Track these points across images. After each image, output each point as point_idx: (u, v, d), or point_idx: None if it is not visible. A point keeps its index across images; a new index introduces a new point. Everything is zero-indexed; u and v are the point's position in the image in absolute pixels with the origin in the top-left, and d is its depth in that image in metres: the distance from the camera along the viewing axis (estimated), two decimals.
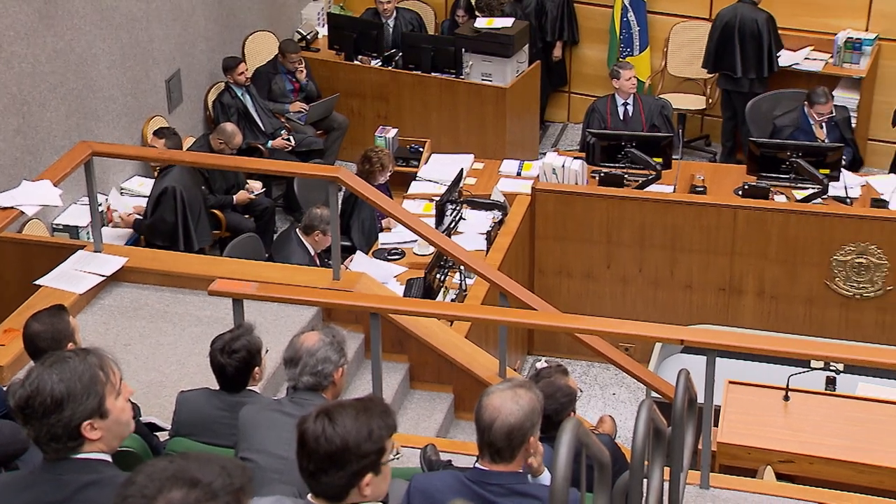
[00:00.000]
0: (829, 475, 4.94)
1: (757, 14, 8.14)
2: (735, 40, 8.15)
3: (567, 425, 2.23)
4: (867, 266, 6.57)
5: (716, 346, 4.27)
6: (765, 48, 8.12)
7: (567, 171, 7.11)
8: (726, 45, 8.22)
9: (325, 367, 3.50)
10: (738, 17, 8.17)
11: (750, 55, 8.12)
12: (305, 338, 3.59)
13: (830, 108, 7.22)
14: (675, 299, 6.99)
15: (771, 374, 5.59)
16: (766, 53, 8.13)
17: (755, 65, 8.14)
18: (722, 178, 7.22)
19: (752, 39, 8.11)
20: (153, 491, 1.80)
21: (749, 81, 8.19)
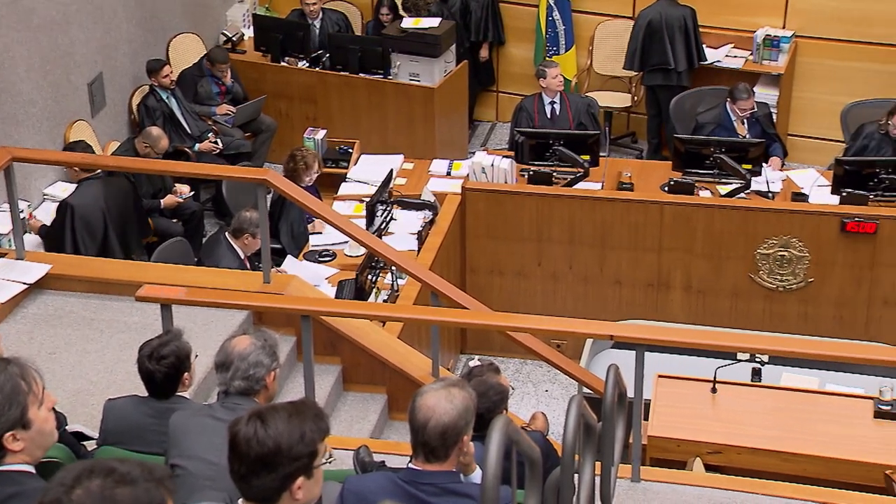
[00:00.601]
0: (756, 465, 5.05)
1: (681, 10, 8.28)
2: (665, 36, 8.27)
3: (497, 423, 2.25)
4: (789, 259, 6.71)
5: (644, 340, 4.34)
6: (692, 41, 8.27)
7: (496, 169, 7.15)
8: (654, 42, 8.33)
9: (257, 371, 3.48)
10: (663, 16, 8.29)
11: (679, 49, 8.25)
12: (237, 342, 3.57)
13: (752, 105, 7.36)
14: (605, 295, 7.07)
15: (699, 367, 5.68)
16: (695, 46, 8.28)
17: (686, 58, 8.28)
18: (648, 175, 7.32)
19: (680, 34, 8.24)
20: (71, 480, 1.79)
21: (678, 75, 8.32)
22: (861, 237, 6.52)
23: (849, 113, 7.70)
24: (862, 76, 8.13)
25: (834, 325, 6.72)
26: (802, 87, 8.51)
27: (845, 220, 6.52)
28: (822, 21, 8.33)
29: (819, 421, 5.24)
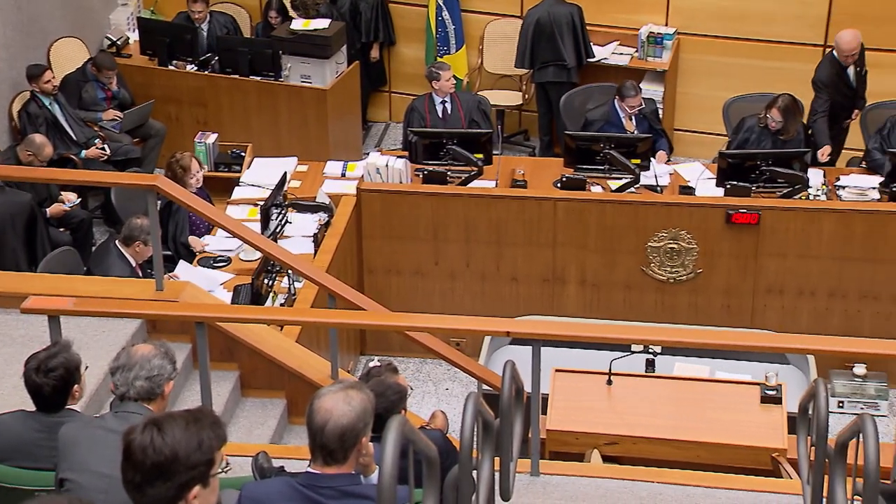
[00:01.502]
0: (651, 453, 5.17)
1: (568, 8, 8.41)
2: (555, 33, 8.38)
3: (392, 423, 2.26)
4: (679, 251, 6.87)
5: (540, 336, 4.40)
6: (580, 39, 8.40)
7: (391, 170, 7.16)
8: (545, 39, 8.43)
9: (161, 373, 3.46)
10: (550, 14, 8.41)
11: (569, 46, 8.38)
12: (139, 347, 3.55)
13: (640, 101, 7.52)
14: (502, 292, 7.13)
15: (595, 359, 5.78)
16: (583, 43, 8.42)
17: (575, 54, 8.41)
18: (541, 172, 7.41)
19: (568, 31, 8.37)
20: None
21: (568, 71, 8.44)
22: (745, 228, 6.72)
23: (730, 107, 7.92)
24: (742, 71, 8.37)
25: (722, 314, 6.91)
26: (686, 83, 8.73)
27: (730, 211, 6.71)
28: (703, 18, 8.55)
29: (710, 408, 5.39)
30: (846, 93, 7.56)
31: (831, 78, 7.44)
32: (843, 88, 7.52)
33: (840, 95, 7.50)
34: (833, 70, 7.45)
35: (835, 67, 7.46)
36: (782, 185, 6.82)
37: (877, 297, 6.67)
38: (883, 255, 6.58)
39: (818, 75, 7.52)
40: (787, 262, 6.75)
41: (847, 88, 7.55)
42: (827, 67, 7.48)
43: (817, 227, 6.66)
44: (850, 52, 7.37)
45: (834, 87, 7.44)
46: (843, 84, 7.51)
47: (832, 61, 7.47)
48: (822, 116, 7.37)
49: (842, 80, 7.49)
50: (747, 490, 4.30)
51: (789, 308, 6.83)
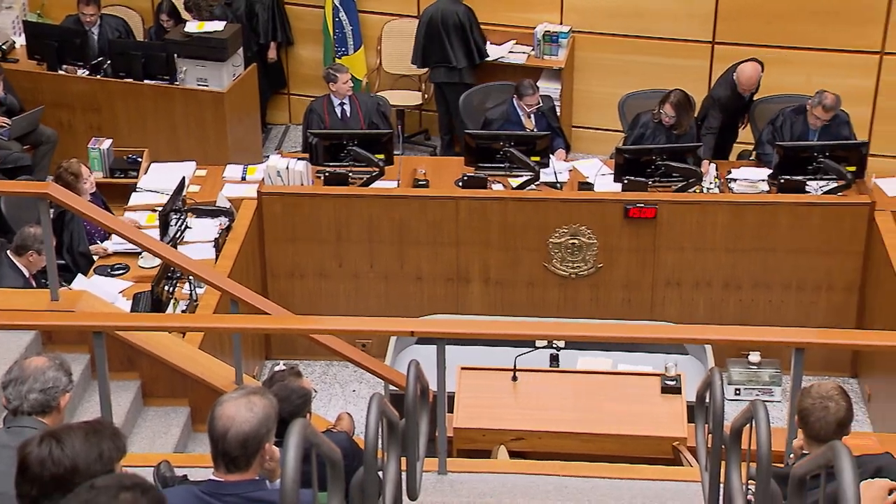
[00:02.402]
0: (557, 447, 5.24)
1: (456, 7, 8.46)
2: (443, 34, 8.43)
3: (293, 428, 2.25)
4: (580, 246, 6.98)
5: (444, 334, 4.41)
6: (469, 38, 8.45)
7: (292, 172, 7.12)
8: (434, 39, 8.48)
9: (56, 385, 3.38)
10: (440, 12, 8.46)
11: (457, 46, 8.43)
12: (33, 359, 3.47)
13: (538, 100, 7.60)
14: (407, 292, 7.15)
15: (500, 356, 5.82)
16: (473, 43, 8.47)
17: (465, 55, 8.46)
18: (442, 171, 7.44)
19: (456, 31, 8.42)
20: None
21: (459, 72, 8.49)
22: (643, 222, 6.85)
23: (625, 103, 8.07)
24: (636, 68, 8.53)
25: (623, 307, 7.04)
26: (582, 81, 8.86)
27: (628, 206, 6.84)
28: (597, 17, 8.69)
29: (613, 400, 5.48)
30: (739, 112, 7.77)
31: (730, 99, 7.60)
32: (736, 110, 7.72)
33: (731, 116, 7.70)
34: (732, 94, 7.60)
35: (734, 92, 7.60)
36: (677, 179, 6.98)
37: (769, 286, 6.87)
38: (773, 245, 6.78)
39: (716, 92, 7.66)
40: (684, 255, 6.91)
41: (740, 109, 7.76)
42: (726, 89, 7.60)
43: (711, 219, 6.83)
44: (751, 86, 7.56)
45: (729, 108, 7.63)
46: (737, 105, 7.70)
47: (732, 85, 7.57)
48: (713, 133, 7.52)
49: (737, 101, 7.66)
50: (649, 479, 4.39)
51: (687, 299, 6.98)
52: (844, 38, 8.05)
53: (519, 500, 4.27)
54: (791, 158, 6.86)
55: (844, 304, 6.82)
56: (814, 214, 6.72)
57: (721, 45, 8.32)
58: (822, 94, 7.09)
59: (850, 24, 7.99)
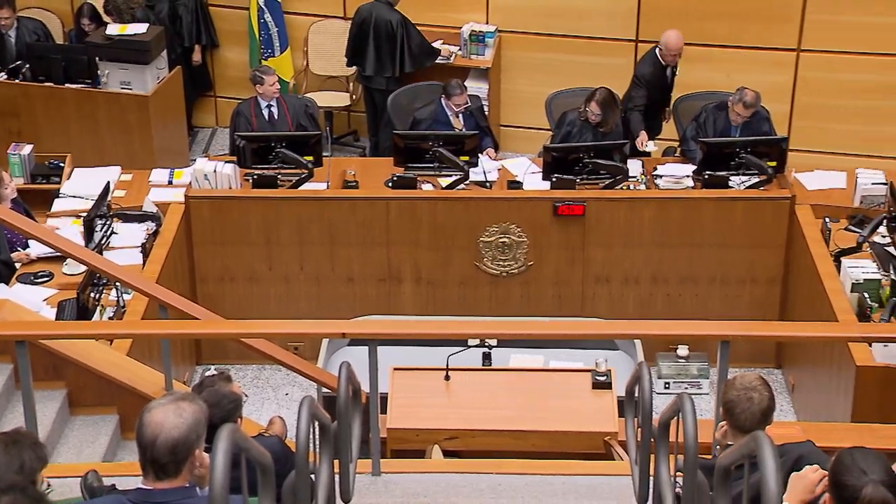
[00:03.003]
0: (491, 445, 5.26)
1: (392, 15, 8.43)
2: (370, 39, 8.41)
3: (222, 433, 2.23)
4: (510, 245, 7.02)
5: (376, 335, 4.42)
6: (397, 49, 8.43)
7: (219, 175, 7.05)
8: (363, 42, 8.46)
9: None
10: (374, 17, 8.43)
11: (385, 55, 8.41)
12: None
13: (466, 99, 7.63)
14: (339, 293, 7.13)
15: (433, 356, 5.83)
16: (400, 53, 8.45)
17: (390, 64, 8.43)
18: (372, 172, 7.43)
19: (388, 40, 8.40)
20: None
21: (385, 80, 8.48)
22: (572, 219, 6.92)
23: (552, 102, 8.13)
24: (561, 67, 8.60)
25: (554, 304, 7.10)
26: (509, 80, 8.92)
27: (556, 203, 6.89)
28: (522, 16, 8.75)
29: (545, 397, 5.53)
30: (663, 90, 7.88)
31: (654, 75, 7.74)
32: (660, 86, 7.83)
33: (657, 93, 7.81)
34: (655, 68, 7.75)
35: (657, 66, 7.75)
36: (604, 176, 7.06)
37: (695, 280, 6.98)
38: (699, 240, 6.89)
39: (641, 70, 7.80)
40: (613, 251, 6.99)
41: (664, 86, 7.87)
42: (650, 65, 7.77)
43: (638, 215, 6.92)
44: (678, 50, 7.69)
45: (653, 84, 7.74)
46: (662, 82, 7.83)
47: (655, 60, 7.75)
48: (639, 110, 7.66)
49: (661, 78, 7.80)
50: (582, 475, 4.44)
51: (616, 295, 7.07)
52: (763, 36, 8.22)
53: (453, 499, 4.29)
54: (714, 154, 6.98)
55: (768, 297, 6.96)
56: (737, 209, 6.85)
57: (644, 43, 8.43)
58: (742, 91, 7.23)
59: (767, 23, 8.16)
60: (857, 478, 2.78)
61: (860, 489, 2.74)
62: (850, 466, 2.79)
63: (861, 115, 8.17)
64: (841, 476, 2.80)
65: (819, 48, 8.17)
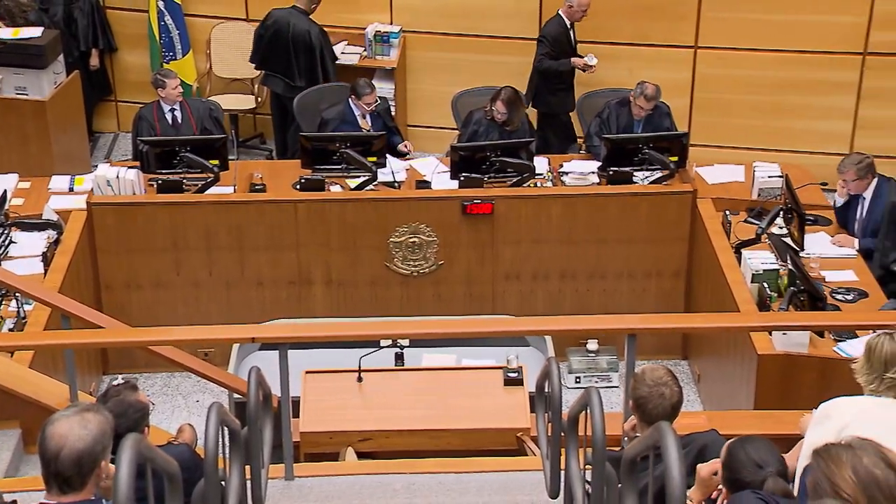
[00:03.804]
0: (405, 445, 5.27)
1: (311, 26, 8.34)
2: (290, 49, 8.31)
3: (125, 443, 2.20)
4: (420, 244, 7.04)
5: (286, 339, 4.41)
6: (317, 62, 8.37)
7: (122, 181, 6.93)
8: (280, 50, 8.35)
9: None
10: (291, 26, 8.32)
11: (304, 66, 8.33)
12: None
13: (375, 98, 7.63)
14: (249, 298, 7.06)
15: (346, 358, 5.81)
16: (320, 67, 8.38)
17: (309, 78, 8.36)
18: (279, 175, 7.38)
19: (306, 52, 8.31)
20: None
21: (296, 89, 8.41)
22: (480, 218, 6.96)
23: (458, 101, 8.18)
24: (466, 66, 8.65)
25: (465, 302, 7.13)
26: (415, 80, 8.93)
27: (465, 202, 6.93)
28: (426, 16, 8.77)
29: (458, 395, 5.55)
30: (567, 49, 8.11)
31: (559, 34, 8.06)
32: (565, 45, 8.10)
33: (562, 51, 8.06)
34: (560, 27, 8.08)
35: (561, 25, 8.09)
36: (512, 174, 7.12)
37: (603, 275, 7.09)
38: (605, 236, 7.00)
39: (546, 30, 8.12)
40: (522, 249, 7.05)
41: (569, 46, 8.12)
42: (555, 25, 8.10)
43: (546, 212, 6.99)
44: (587, 5, 8.03)
45: (559, 42, 8.05)
46: (567, 41, 8.09)
47: (559, 20, 8.08)
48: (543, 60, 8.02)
49: (566, 37, 8.09)
50: (495, 471, 4.48)
51: (526, 292, 7.13)
52: (661, 33, 8.38)
53: (367, 500, 4.29)
54: (618, 150, 7.10)
55: (673, 290, 7.10)
56: (641, 204, 6.97)
57: None
58: (643, 84, 7.39)
59: (666, 21, 8.32)
60: (754, 472, 2.84)
61: (760, 484, 2.80)
62: (745, 461, 2.85)
63: (757, 109, 8.39)
64: (737, 474, 2.85)
65: (715, 45, 8.37)
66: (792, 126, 8.40)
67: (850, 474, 2.26)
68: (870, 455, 2.29)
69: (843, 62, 8.17)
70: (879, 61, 8.14)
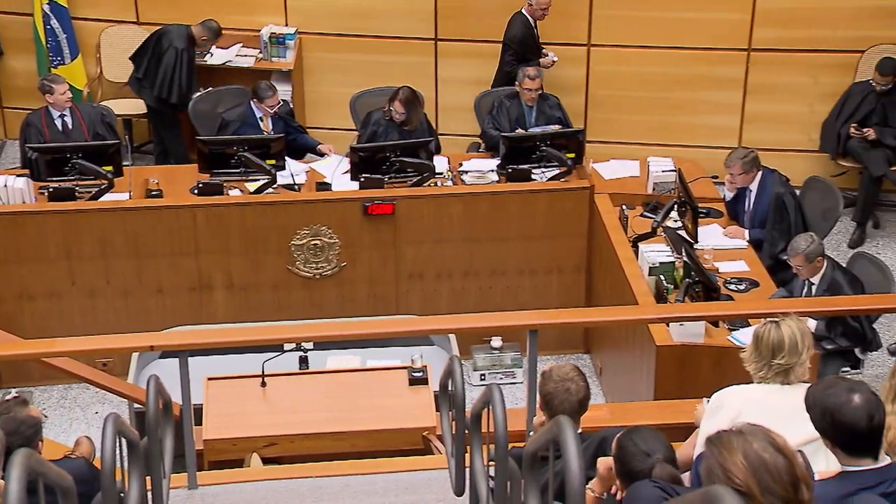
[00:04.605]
0: (312, 449, 5.24)
1: (181, 43, 8.19)
2: (167, 64, 8.17)
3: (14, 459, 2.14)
4: (322, 247, 7.00)
5: (186, 346, 4.34)
6: (182, 76, 8.21)
7: (11, 190, 6.75)
8: (157, 63, 8.23)
9: None
10: (169, 39, 8.19)
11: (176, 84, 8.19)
12: None
13: (278, 101, 7.58)
14: (148, 306, 6.94)
15: (249, 363, 5.76)
16: (185, 83, 8.22)
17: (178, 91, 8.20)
18: (176, 180, 7.26)
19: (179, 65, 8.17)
20: None
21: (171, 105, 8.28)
22: (382, 218, 6.96)
23: (356, 102, 8.15)
24: (363, 67, 8.62)
25: (369, 303, 7.12)
26: (312, 81, 8.88)
27: (366, 203, 6.92)
28: (321, 17, 8.72)
29: (363, 397, 5.55)
30: (534, 48, 8.15)
31: (524, 34, 8.08)
32: (531, 44, 8.13)
33: (531, 51, 8.10)
34: (524, 27, 8.10)
35: (525, 25, 8.11)
36: (412, 174, 7.14)
37: (505, 272, 7.15)
38: (505, 233, 7.06)
39: (510, 33, 8.10)
40: (424, 248, 7.07)
41: (535, 43, 8.16)
42: (519, 25, 8.10)
43: (447, 211, 7.02)
44: (548, 3, 8.05)
45: (525, 42, 8.08)
46: (532, 39, 8.14)
47: (523, 20, 8.10)
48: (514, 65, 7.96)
49: (531, 36, 8.13)
50: (401, 471, 4.49)
51: (429, 291, 7.16)
52: (555, 31, 8.48)
53: None
54: (516, 148, 7.17)
55: (574, 285, 7.20)
56: (540, 201, 7.05)
57: (443, 41, 8.59)
58: (523, 68, 7.52)
59: (559, 19, 8.43)
60: (643, 461, 2.91)
61: (649, 472, 2.88)
62: (634, 452, 2.92)
63: (650, 105, 8.56)
64: (628, 464, 2.92)
65: (608, 43, 8.52)
66: (683, 121, 8.59)
67: (741, 460, 2.33)
68: (759, 440, 2.36)
69: (730, 58, 8.39)
70: (763, 57, 8.39)
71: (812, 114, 8.40)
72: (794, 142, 8.49)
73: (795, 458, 2.37)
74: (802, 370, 3.62)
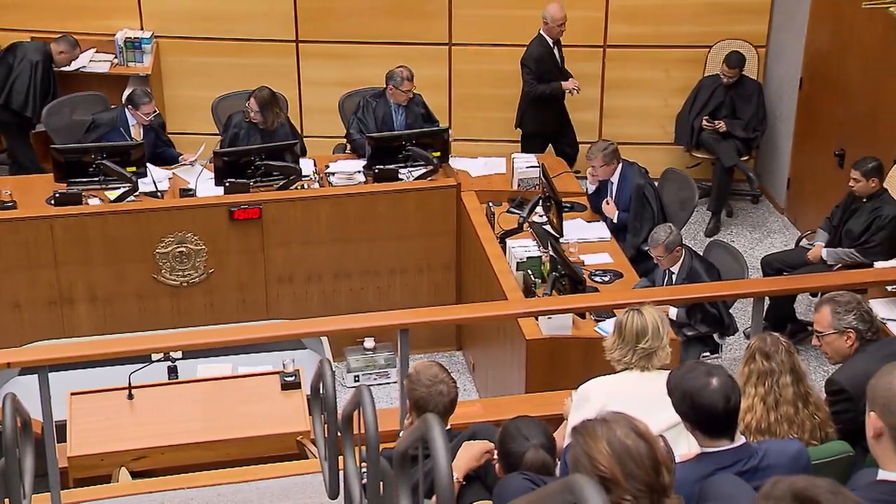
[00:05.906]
0: (182, 460, 5.13)
1: (38, 57, 7.95)
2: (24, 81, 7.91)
3: None
4: (188, 254, 6.87)
5: (45, 361, 4.22)
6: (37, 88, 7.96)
7: None
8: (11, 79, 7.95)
9: None
10: (26, 53, 7.93)
11: (39, 100, 7.94)
12: None
13: (154, 109, 7.42)
14: (5, 321, 6.70)
15: (116, 376, 5.61)
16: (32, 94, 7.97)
17: (22, 101, 7.96)
18: (30, 190, 7.05)
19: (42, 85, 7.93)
20: None
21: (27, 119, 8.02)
22: (249, 223, 6.88)
23: (218, 106, 8.04)
24: (223, 70, 8.51)
25: (239, 309, 7.02)
26: (172, 86, 8.71)
27: (232, 208, 6.83)
28: (177, 20, 8.57)
29: (236, 404, 5.47)
30: (557, 68, 8.12)
31: (543, 54, 8.02)
32: (552, 63, 8.09)
33: (552, 73, 8.06)
34: (543, 48, 8.04)
35: (544, 45, 8.05)
36: (278, 177, 7.07)
37: (376, 272, 7.15)
38: (375, 234, 7.06)
39: (527, 53, 8.05)
40: (293, 251, 7.02)
41: (556, 63, 8.12)
42: (537, 46, 8.04)
43: (315, 214, 6.98)
44: (563, 19, 8.00)
45: (543, 62, 8.02)
46: (552, 59, 8.09)
47: (541, 40, 8.04)
48: (534, 85, 7.96)
49: (551, 55, 8.08)
50: (275, 477, 4.45)
51: (300, 294, 7.10)
52: (415, 31, 8.54)
53: None
54: (382, 148, 7.19)
55: (445, 282, 7.25)
56: (408, 200, 7.08)
57: (305, 43, 8.54)
58: (400, 70, 7.56)
59: (419, 19, 8.48)
60: (520, 444, 3.00)
61: (523, 454, 2.95)
62: (515, 435, 3.01)
63: (512, 102, 8.67)
64: (507, 445, 3.00)
65: (468, 42, 8.61)
66: None
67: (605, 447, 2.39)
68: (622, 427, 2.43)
69: (586, 55, 8.58)
70: (618, 53, 8.62)
71: (666, 107, 8.67)
72: (651, 135, 8.76)
73: (657, 443, 2.45)
74: (665, 353, 3.76)
